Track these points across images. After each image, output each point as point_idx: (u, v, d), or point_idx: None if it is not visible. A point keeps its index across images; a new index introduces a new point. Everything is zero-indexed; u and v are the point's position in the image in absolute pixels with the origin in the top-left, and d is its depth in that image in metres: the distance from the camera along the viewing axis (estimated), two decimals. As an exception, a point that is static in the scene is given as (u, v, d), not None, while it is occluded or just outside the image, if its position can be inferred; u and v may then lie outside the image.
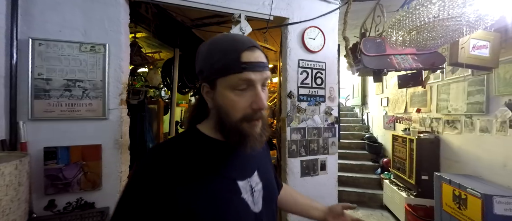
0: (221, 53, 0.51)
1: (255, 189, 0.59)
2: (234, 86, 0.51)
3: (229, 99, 0.51)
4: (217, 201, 0.51)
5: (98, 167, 1.36)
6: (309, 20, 1.87)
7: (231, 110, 0.52)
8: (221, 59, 0.50)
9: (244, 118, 0.52)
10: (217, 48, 0.52)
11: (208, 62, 0.53)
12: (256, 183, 0.60)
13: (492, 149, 2.34)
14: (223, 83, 0.51)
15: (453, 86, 2.85)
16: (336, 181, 1.99)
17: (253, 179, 0.60)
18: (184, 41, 2.73)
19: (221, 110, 0.53)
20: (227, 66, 0.50)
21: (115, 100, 1.40)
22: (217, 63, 0.51)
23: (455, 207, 2.26)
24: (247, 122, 0.52)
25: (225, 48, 0.51)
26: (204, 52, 0.54)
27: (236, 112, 0.52)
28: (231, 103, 0.51)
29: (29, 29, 1.26)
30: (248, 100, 0.52)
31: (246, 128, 0.52)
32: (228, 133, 0.53)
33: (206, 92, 0.55)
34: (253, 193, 0.58)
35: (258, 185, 0.60)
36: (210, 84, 0.53)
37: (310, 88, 1.88)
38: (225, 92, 0.51)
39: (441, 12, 1.17)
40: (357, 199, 3.81)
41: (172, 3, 1.54)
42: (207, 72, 0.53)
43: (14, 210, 0.95)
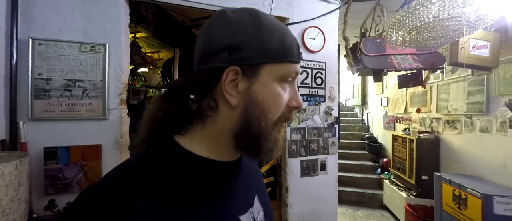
0: (281, 32, 0.39)
1: (257, 220, 0.45)
2: (284, 77, 0.39)
3: (275, 93, 0.39)
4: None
5: (98, 167, 1.36)
6: (309, 20, 1.87)
7: (273, 108, 0.39)
8: (282, 39, 0.38)
9: (279, 119, 0.40)
10: (272, 24, 0.38)
11: (257, 37, 0.37)
12: (257, 212, 0.46)
13: (492, 149, 2.34)
14: (273, 71, 0.38)
15: (453, 86, 2.85)
16: (336, 181, 1.99)
17: (255, 208, 0.46)
18: (184, 41, 2.73)
19: (256, 107, 0.38)
20: (286, 50, 0.38)
21: (115, 100, 1.40)
22: (274, 43, 0.37)
23: (455, 207, 2.26)
24: (280, 124, 0.41)
25: (283, 28, 0.39)
26: (248, 24, 0.37)
27: (278, 110, 0.39)
28: (276, 99, 0.39)
29: (29, 29, 1.25)
30: (287, 96, 0.41)
31: (277, 134, 0.41)
32: (256, 141, 0.38)
33: (231, 80, 0.37)
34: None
35: (260, 214, 0.46)
36: (249, 69, 0.37)
37: (310, 88, 1.88)
38: (271, 84, 0.38)
39: (441, 12, 1.17)
40: (357, 199, 3.81)
41: (172, 3, 1.54)
42: (253, 50, 0.37)
43: (14, 210, 0.95)
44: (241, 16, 0.38)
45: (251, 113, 0.38)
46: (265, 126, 0.38)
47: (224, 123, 0.40)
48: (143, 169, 0.35)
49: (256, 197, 0.48)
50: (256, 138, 0.38)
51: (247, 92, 0.38)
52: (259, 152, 0.39)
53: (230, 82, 0.37)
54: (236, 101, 0.38)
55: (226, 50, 0.36)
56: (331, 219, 1.96)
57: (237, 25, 0.37)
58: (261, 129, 0.38)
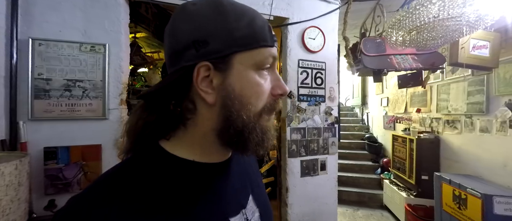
0: (248, 16, 0.36)
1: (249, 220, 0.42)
2: (260, 64, 0.36)
3: (252, 82, 0.36)
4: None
5: (98, 167, 1.36)
6: (309, 20, 1.87)
7: (253, 99, 0.36)
8: (250, 24, 0.35)
9: (264, 109, 0.38)
10: (237, 9, 0.36)
11: (223, 27, 0.34)
12: (252, 213, 0.44)
13: (492, 149, 2.34)
14: (246, 59, 0.35)
15: (453, 86, 2.85)
16: (336, 181, 1.99)
17: (249, 209, 0.43)
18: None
19: (234, 101, 0.35)
20: (256, 35, 0.35)
21: (115, 100, 1.40)
22: (242, 30, 0.35)
23: (455, 207, 2.26)
24: (266, 114, 0.38)
25: (250, 11, 0.37)
26: (211, 13, 0.35)
27: (259, 99, 0.37)
28: (255, 88, 0.36)
29: (29, 29, 1.26)
30: (269, 84, 0.38)
31: (265, 124, 0.38)
32: (241, 135, 0.36)
33: (204, 77, 0.35)
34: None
35: (254, 215, 0.44)
36: (220, 62, 0.35)
37: (310, 88, 1.88)
38: (247, 73, 0.36)
39: (441, 12, 1.17)
40: (357, 199, 3.81)
41: (172, 3, 1.54)
42: (219, 41, 0.34)
43: (14, 210, 0.95)
44: (202, 6, 0.35)
45: (230, 108, 0.35)
46: (247, 118, 0.36)
47: (205, 123, 0.38)
48: (124, 176, 0.34)
49: (251, 198, 0.45)
50: (239, 133, 0.36)
51: (222, 87, 0.35)
52: (247, 146, 0.37)
53: (203, 79, 0.35)
54: (212, 98, 0.35)
55: (193, 46, 0.34)
56: (331, 219, 1.96)
57: (199, 17, 0.34)
58: (244, 122, 0.36)
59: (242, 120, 0.35)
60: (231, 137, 0.36)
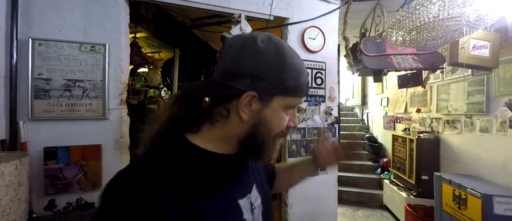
0: (298, 72, 0.46)
1: (254, 206, 0.53)
2: (289, 106, 0.49)
3: (280, 118, 0.48)
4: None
5: (98, 167, 1.36)
6: (309, 20, 1.87)
7: (275, 127, 0.48)
8: (297, 78, 0.46)
9: (278, 134, 0.50)
10: (293, 63, 0.46)
11: (278, 73, 0.44)
12: (255, 198, 0.54)
13: (492, 149, 2.34)
14: (283, 101, 0.47)
15: (453, 86, 2.85)
16: (336, 181, 1.99)
17: (253, 195, 0.54)
18: (184, 41, 2.73)
19: (263, 125, 0.46)
20: (298, 88, 0.47)
21: (115, 100, 1.40)
22: (290, 80, 0.45)
23: (455, 207, 2.26)
24: (278, 138, 0.51)
25: (300, 67, 0.47)
26: (273, 58, 0.44)
27: (279, 129, 0.49)
28: (280, 122, 0.48)
29: (29, 29, 1.25)
30: (286, 119, 0.50)
31: (274, 145, 0.50)
32: (258, 149, 0.48)
33: (248, 101, 0.44)
34: (253, 211, 0.52)
35: (257, 201, 0.55)
36: (264, 97, 0.45)
37: (310, 88, 1.88)
38: (279, 110, 0.47)
39: (441, 12, 1.17)
40: (357, 199, 3.81)
41: (172, 3, 1.54)
42: (272, 84, 0.44)
43: (14, 210, 0.95)
44: (269, 50, 0.44)
45: (258, 129, 0.47)
46: (267, 140, 0.48)
47: (232, 130, 0.48)
48: (163, 163, 0.42)
49: (255, 186, 0.55)
50: (259, 148, 0.48)
51: (258, 113, 0.46)
52: (260, 157, 0.49)
53: (247, 102, 0.44)
54: (247, 117, 0.45)
55: (250, 77, 0.44)
56: (331, 219, 1.96)
57: (264, 58, 0.44)
58: (264, 141, 0.47)
59: (264, 139, 0.47)
60: (250, 147, 0.48)
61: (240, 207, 0.48)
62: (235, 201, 0.48)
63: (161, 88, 3.44)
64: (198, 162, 0.46)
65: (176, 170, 0.42)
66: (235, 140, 0.48)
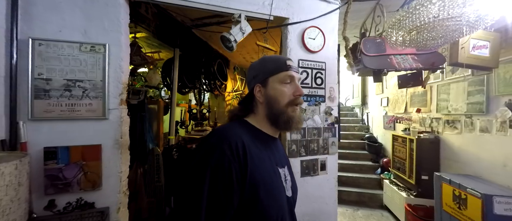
0: (273, 61, 0.75)
1: (287, 179, 0.73)
2: (282, 80, 0.72)
3: (279, 89, 0.71)
4: (269, 176, 0.65)
5: (98, 167, 1.36)
6: (309, 20, 1.87)
7: (280, 98, 0.71)
8: (274, 63, 0.74)
9: (289, 103, 0.71)
10: (269, 59, 0.76)
11: (262, 68, 0.74)
12: (286, 175, 0.75)
13: (492, 149, 2.34)
14: (275, 79, 0.72)
15: (453, 86, 2.85)
16: (336, 181, 1.99)
17: (285, 171, 0.75)
18: (184, 41, 2.73)
19: (271, 99, 0.71)
20: (278, 68, 0.73)
21: (115, 100, 1.40)
22: (270, 67, 0.73)
23: (455, 207, 2.26)
24: (291, 106, 0.71)
25: (276, 58, 0.77)
26: (258, 64, 0.77)
27: (284, 98, 0.71)
28: (280, 92, 0.71)
29: (29, 29, 1.25)
30: (291, 90, 0.72)
31: (290, 112, 0.71)
32: (277, 117, 0.70)
33: (258, 90, 0.73)
34: (286, 181, 0.73)
35: (288, 177, 0.75)
36: (263, 83, 0.73)
37: (310, 88, 1.88)
38: (275, 85, 0.72)
39: (441, 12, 1.17)
40: (357, 199, 3.81)
41: (172, 3, 1.54)
42: (261, 74, 0.73)
43: (14, 210, 0.95)
44: (257, 62, 0.78)
45: (270, 103, 0.72)
46: (278, 108, 0.71)
47: (261, 112, 0.74)
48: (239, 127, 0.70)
49: (286, 169, 0.77)
50: (276, 115, 0.71)
51: (265, 93, 0.73)
52: (279, 122, 0.71)
53: (257, 91, 0.74)
54: (262, 99, 0.74)
55: (253, 78, 0.77)
56: (331, 219, 1.96)
57: (255, 66, 0.78)
58: (277, 109, 0.71)
59: (276, 109, 0.71)
60: (271, 118, 0.72)
61: (279, 172, 0.70)
62: (276, 167, 0.71)
63: (161, 88, 3.44)
64: (253, 132, 0.72)
65: (244, 132, 0.68)
66: (265, 117, 0.73)
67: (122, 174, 1.44)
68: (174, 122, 2.72)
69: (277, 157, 0.74)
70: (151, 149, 2.16)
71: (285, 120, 0.70)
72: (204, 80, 3.44)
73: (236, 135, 0.63)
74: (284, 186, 0.70)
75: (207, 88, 3.61)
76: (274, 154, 0.73)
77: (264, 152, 0.68)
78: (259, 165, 0.62)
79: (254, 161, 0.61)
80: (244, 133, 0.66)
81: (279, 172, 0.70)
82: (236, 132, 0.65)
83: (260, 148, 0.67)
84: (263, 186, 0.61)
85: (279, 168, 0.71)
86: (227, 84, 4.03)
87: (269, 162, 0.68)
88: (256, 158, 0.62)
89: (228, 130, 0.66)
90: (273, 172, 0.67)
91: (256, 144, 0.67)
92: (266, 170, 0.65)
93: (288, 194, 0.71)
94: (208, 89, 3.66)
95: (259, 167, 0.62)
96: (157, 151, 2.18)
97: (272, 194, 0.63)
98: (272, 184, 0.64)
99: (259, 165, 0.62)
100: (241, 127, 0.70)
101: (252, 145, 0.64)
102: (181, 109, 4.22)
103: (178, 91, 3.04)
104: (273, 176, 0.67)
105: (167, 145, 2.59)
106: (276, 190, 0.65)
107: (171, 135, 2.65)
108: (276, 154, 0.74)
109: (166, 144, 2.64)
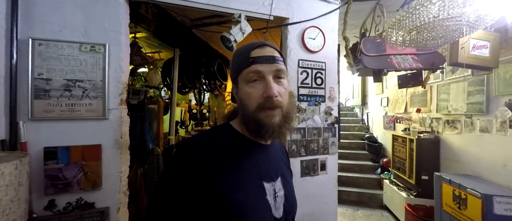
0: (237, 56, 0.62)
1: (277, 195, 0.61)
2: (247, 79, 0.57)
3: (244, 91, 0.57)
4: (245, 196, 0.53)
5: (98, 167, 1.36)
6: (309, 20, 1.87)
7: (247, 101, 0.57)
8: (238, 59, 0.60)
9: (258, 107, 0.55)
10: (236, 54, 0.63)
11: (232, 64, 0.63)
12: (279, 189, 0.62)
13: (492, 149, 2.34)
14: (241, 79, 0.59)
15: (453, 86, 2.85)
16: (336, 181, 1.99)
17: (277, 184, 0.62)
18: (184, 41, 2.73)
19: (241, 103, 0.59)
20: (241, 64, 0.58)
21: (115, 100, 1.40)
22: (236, 64, 0.61)
23: (455, 207, 2.26)
24: (262, 111, 0.55)
25: (240, 51, 0.61)
26: (233, 58, 0.64)
27: (251, 102, 0.56)
28: (246, 95, 0.57)
29: (29, 29, 1.25)
30: (260, 90, 0.56)
31: (262, 118, 0.55)
32: (247, 123, 0.58)
33: (235, 92, 0.63)
34: (276, 198, 0.60)
35: (280, 192, 0.62)
36: (235, 84, 0.62)
37: (310, 88, 1.88)
38: (242, 86, 0.58)
39: (441, 12, 1.17)
40: (357, 199, 3.81)
41: (172, 3, 1.54)
42: (232, 74, 0.63)
43: (14, 210, 0.95)
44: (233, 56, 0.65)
45: (241, 106, 0.60)
46: (248, 112, 0.57)
47: (239, 114, 0.63)
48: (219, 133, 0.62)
49: (280, 180, 0.64)
50: (246, 121, 0.58)
51: (237, 95, 0.62)
52: (250, 130, 0.58)
53: (235, 93, 0.63)
54: (237, 102, 0.63)
55: (231, 78, 0.65)
56: (331, 219, 1.96)
57: (231, 63, 0.65)
58: (246, 115, 0.58)
59: (244, 113, 0.58)
60: (244, 124, 0.59)
61: (264, 188, 0.58)
62: (261, 181, 0.58)
63: (161, 88, 3.44)
64: (235, 139, 0.60)
65: (222, 141, 0.59)
66: (241, 119, 0.61)
67: (122, 174, 1.44)
68: (174, 122, 2.72)
69: (265, 169, 0.60)
70: (151, 149, 2.16)
71: (253, 129, 0.56)
72: (204, 80, 3.44)
73: (203, 148, 0.55)
74: (272, 204, 0.58)
75: (207, 88, 3.61)
76: (260, 165, 0.60)
77: (246, 163, 0.57)
78: (231, 183, 0.52)
79: (224, 178, 0.52)
80: (219, 143, 0.57)
81: (264, 187, 0.57)
82: (206, 143, 0.57)
83: (241, 161, 0.57)
84: (237, 208, 0.51)
85: (265, 183, 0.58)
86: (227, 84, 4.03)
87: (249, 178, 0.56)
88: (229, 174, 0.53)
89: (195, 142, 0.57)
90: (256, 188, 0.56)
91: (234, 156, 0.56)
92: (243, 188, 0.54)
93: (276, 214, 0.58)
94: (208, 89, 3.66)
95: (231, 185, 0.52)
96: (157, 151, 2.18)
97: (249, 217, 0.52)
98: (250, 205, 0.53)
99: (231, 183, 0.52)
100: (220, 134, 0.61)
101: (228, 158, 0.55)
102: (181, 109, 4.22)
103: (178, 91, 3.04)
104: (254, 194, 0.55)
105: (167, 145, 2.59)
106: (257, 211, 0.54)
107: (171, 135, 2.65)
108: (265, 165, 0.61)
109: (166, 144, 2.64)
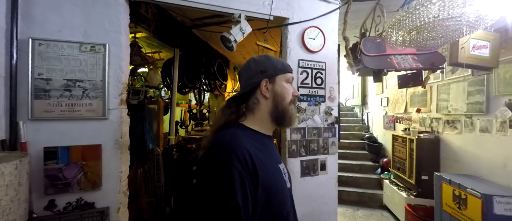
0: (279, 60, 0.79)
1: (285, 172, 0.77)
2: (288, 80, 0.78)
3: (285, 88, 0.76)
4: (274, 178, 0.68)
5: (98, 167, 1.36)
6: (309, 20, 1.87)
7: (286, 95, 0.76)
8: (280, 63, 0.78)
9: (291, 101, 0.77)
10: (275, 58, 0.79)
11: (271, 64, 0.76)
12: (283, 168, 0.78)
13: (492, 149, 2.34)
14: (282, 78, 0.77)
15: (453, 86, 2.85)
16: (336, 181, 1.99)
17: (282, 165, 0.79)
18: (184, 41, 2.73)
19: (278, 96, 0.75)
20: (285, 68, 0.78)
21: (115, 100, 1.40)
22: (279, 65, 0.77)
23: (455, 207, 2.26)
24: (291, 104, 0.77)
25: (275, 59, 0.79)
26: (265, 59, 0.78)
27: (289, 96, 0.76)
28: (286, 90, 0.76)
29: (29, 29, 1.25)
30: (291, 89, 0.78)
31: (291, 110, 0.77)
32: (283, 114, 0.74)
33: (264, 85, 0.75)
34: (285, 175, 0.76)
35: (285, 170, 0.78)
36: (271, 79, 0.75)
37: (310, 88, 1.88)
38: (283, 83, 0.76)
39: (441, 12, 1.17)
40: (357, 199, 3.81)
41: (172, 3, 1.54)
42: (271, 71, 0.75)
43: (14, 210, 0.95)
44: (261, 58, 0.79)
45: (277, 100, 0.75)
46: (284, 104, 0.75)
47: (264, 109, 0.76)
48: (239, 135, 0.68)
49: (283, 164, 0.79)
50: (281, 112, 0.75)
51: (272, 90, 0.75)
52: (285, 118, 0.75)
53: (264, 86, 0.75)
54: (268, 95, 0.75)
55: (259, 72, 0.75)
56: (331, 219, 1.96)
57: (261, 61, 0.78)
58: (284, 106, 0.75)
59: (283, 105, 0.75)
60: (276, 114, 0.75)
61: (280, 168, 0.74)
62: (278, 165, 0.74)
63: (161, 88, 3.44)
64: (253, 136, 0.72)
65: (247, 139, 0.68)
66: (268, 115, 0.75)
67: (122, 174, 1.44)
68: (174, 122, 2.72)
69: (275, 155, 0.78)
70: (151, 149, 2.16)
71: (289, 117, 0.75)
72: (204, 80, 3.44)
73: (242, 146, 0.63)
74: (286, 179, 0.74)
75: (207, 88, 3.61)
76: (272, 153, 0.76)
77: (265, 154, 0.70)
78: (266, 170, 0.64)
79: (262, 167, 0.63)
80: (247, 141, 0.66)
81: (280, 169, 0.73)
82: (241, 142, 0.65)
83: (263, 151, 0.69)
84: (273, 189, 0.64)
85: (279, 165, 0.74)
86: (227, 84, 4.03)
87: (271, 163, 0.70)
88: (262, 164, 0.64)
89: (233, 142, 0.64)
90: (276, 171, 0.71)
91: (259, 149, 0.68)
92: (272, 172, 0.67)
93: (288, 185, 0.75)
94: (208, 89, 3.66)
95: (266, 172, 0.64)
96: (157, 151, 2.18)
97: (279, 193, 0.67)
98: (277, 184, 0.68)
99: (266, 170, 0.64)
100: (243, 134, 0.70)
101: (256, 151, 0.66)
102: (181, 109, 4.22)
103: (178, 91, 3.04)
104: (277, 175, 0.70)
105: (167, 145, 2.59)
106: (281, 187, 0.69)
107: (171, 135, 2.65)
108: (273, 152, 0.78)
109: (166, 144, 2.64)
